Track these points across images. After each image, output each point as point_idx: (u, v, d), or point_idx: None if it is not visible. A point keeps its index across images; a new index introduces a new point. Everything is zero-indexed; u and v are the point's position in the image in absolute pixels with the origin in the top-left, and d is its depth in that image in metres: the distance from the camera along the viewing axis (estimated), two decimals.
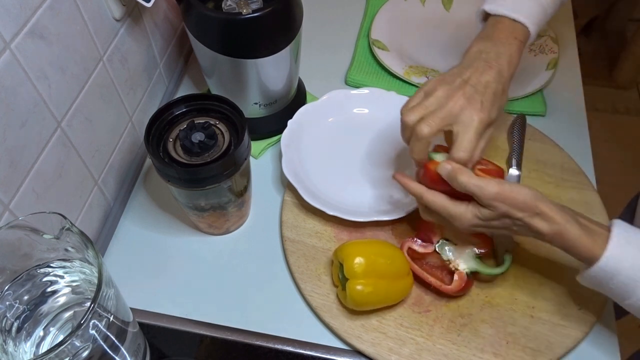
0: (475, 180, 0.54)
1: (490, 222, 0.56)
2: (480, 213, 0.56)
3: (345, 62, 0.94)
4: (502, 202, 0.54)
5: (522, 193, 0.54)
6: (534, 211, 0.54)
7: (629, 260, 0.52)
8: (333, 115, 0.82)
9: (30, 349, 0.49)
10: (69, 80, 0.61)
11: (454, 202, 0.58)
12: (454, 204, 0.57)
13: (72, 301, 0.52)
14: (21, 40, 0.52)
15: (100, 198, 0.73)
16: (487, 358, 0.61)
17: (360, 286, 0.60)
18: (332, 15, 1.02)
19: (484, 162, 0.62)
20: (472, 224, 0.57)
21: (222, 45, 0.70)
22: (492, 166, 0.62)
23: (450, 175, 0.56)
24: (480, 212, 0.56)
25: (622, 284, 0.52)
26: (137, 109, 0.79)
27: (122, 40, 0.71)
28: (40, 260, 0.49)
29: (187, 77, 0.92)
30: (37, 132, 0.57)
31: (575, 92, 0.89)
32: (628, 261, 0.52)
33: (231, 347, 0.64)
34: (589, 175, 0.77)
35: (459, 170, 0.56)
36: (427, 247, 0.65)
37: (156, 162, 0.61)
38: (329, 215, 0.70)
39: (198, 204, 0.66)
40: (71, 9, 0.60)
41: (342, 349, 0.64)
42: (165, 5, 0.83)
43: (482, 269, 0.64)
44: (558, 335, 0.63)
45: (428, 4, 1.00)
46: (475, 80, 0.60)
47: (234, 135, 0.64)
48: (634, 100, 2.14)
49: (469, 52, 0.64)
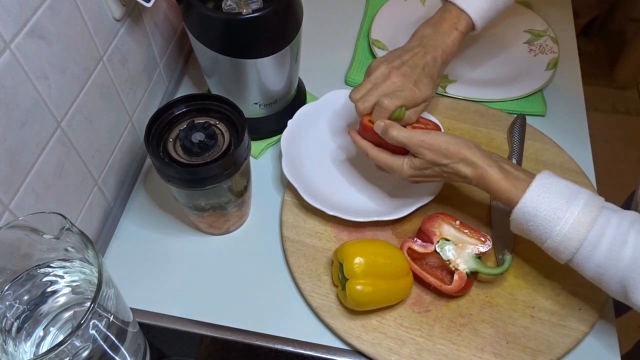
0: (404, 132, 0.62)
1: (423, 171, 0.63)
2: (413, 163, 0.63)
3: (345, 62, 0.94)
4: (428, 149, 0.61)
5: (446, 140, 0.61)
6: (457, 157, 0.60)
7: (545, 203, 0.56)
8: (333, 115, 0.82)
9: (30, 349, 0.49)
10: (69, 80, 0.61)
11: (393, 156, 0.65)
12: (393, 157, 0.65)
13: (72, 301, 0.52)
14: (21, 40, 0.52)
15: (100, 198, 0.73)
16: (487, 358, 0.61)
17: (360, 286, 0.60)
18: (332, 15, 1.02)
19: (426, 121, 0.69)
20: (409, 174, 0.64)
21: (222, 45, 0.70)
22: (432, 126, 0.69)
23: (383, 131, 0.64)
24: (413, 162, 0.63)
25: (539, 225, 0.57)
26: (137, 109, 0.79)
27: (122, 40, 0.71)
28: (40, 260, 0.49)
29: (187, 77, 0.92)
30: (37, 132, 0.57)
31: (575, 92, 0.89)
32: (544, 204, 0.56)
33: (231, 347, 0.64)
34: (589, 175, 0.77)
35: (390, 126, 0.63)
36: (427, 247, 0.65)
37: (156, 162, 0.61)
38: (329, 215, 0.70)
39: (198, 204, 0.66)
40: (71, 9, 0.60)
41: (342, 349, 0.64)
42: (165, 5, 0.83)
43: (482, 269, 0.64)
44: (558, 335, 0.63)
45: (428, 4, 1.00)
46: (412, 62, 0.69)
47: (234, 135, 0.64)
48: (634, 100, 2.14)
49: (414, 35, 0.73)
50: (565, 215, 0.55)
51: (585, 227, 0.55)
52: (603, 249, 0.54)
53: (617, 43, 2.19)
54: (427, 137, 0.61)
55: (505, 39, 0.95)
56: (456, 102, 0.85)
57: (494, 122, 0.83)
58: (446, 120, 0.82)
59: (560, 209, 0.56)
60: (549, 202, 0.56)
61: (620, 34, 2.23)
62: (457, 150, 0.60)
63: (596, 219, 0.55)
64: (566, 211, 0.56)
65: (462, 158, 0.60)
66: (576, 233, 0.55)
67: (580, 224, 0.55)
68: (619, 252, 0.54)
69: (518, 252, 0.69)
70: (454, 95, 0.86)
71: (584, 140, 0.83)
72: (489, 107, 0.85)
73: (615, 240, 0.54)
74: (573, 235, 0.55)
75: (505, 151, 0.80)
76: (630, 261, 0.53)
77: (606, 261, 0.54)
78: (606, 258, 0.54)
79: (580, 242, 0.55)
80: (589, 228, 0.55)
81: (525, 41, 0.94)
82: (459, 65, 0.92)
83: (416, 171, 0.64)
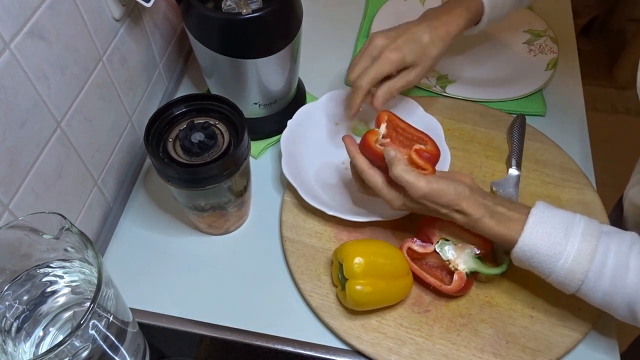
0: (407, 177, 0.59)
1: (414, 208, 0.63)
2: (408, 204, 0.62)
3: (345, 62, 0.94)
4: (429, 201, 0.60)
5: (448, 194, 0.59)
6: (454, 208, 0.60)
7: (544, 239, 0.56)
8: (333, 115, 0.82)
9: (29, 349, 0.49)
10: (69, 80, 0.61)
11: (389, 187, 0.63)
12: (388, 188, 0.63)
13: (72, 301, 0.52)
14: (21, 40, 0.52)
15: (100, 198, 0.73)
16: (486, 358, 0.61)
17: (360, 286, 0.60)
18: (332, 15, 1.02)
19: (425, 139, 0.65)
20: (399, 208, 0.64)
21: (221, 46, 0.70)
22: (430, 146, 0.65)
23: (389, 162, 0.61)
24: (408, 203, 0.62)
25: (541, 262, 0.57)
26: (136, 109, 0.79)
27: (121, 40, 0.71)
28: (40, 260, 0.49)
29: (186, 77, 0.92)
30: (37, 132, 0.57)
31: (575, 92, 0.89)
32: (544, 240, 0.56)
33: (231, 347, 0.64)
34: (589, 175, 0.77)
35: (396, 161, 0.60)
36: (426, 247, 0.65)
37: (156, 162, 0.61)
38: (329, 215, 0.70)
39: (198, 204, 0.66)
40: (71, 9, 0.60)
41: (341, 349, 0.64)
42: (165, 5, 0.83)
43: (482, 269, 0.64)
44: (558, 335, 0.63)
45: (428, 4, 1.00)
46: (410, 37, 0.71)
47: (233, 135, 0.64)
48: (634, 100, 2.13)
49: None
50: (566, 249, 0.55)
51: (587, 259, 0.55)
52: (607, 277, 0.55)
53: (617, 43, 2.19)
54: (431, 189, 0.59)
55: (505, 39, 0.95)
56: (456, 102, 0.85)
57: (494, 122, 0.83)
58: (446, 120, 0.82)
59: (560, 243, 0.56)
60: (548, 237, 0.56)
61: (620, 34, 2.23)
62: (456, 202, 0.59)
63: (597, 248, 0.55)
64: (566, 245, 0.56)
65: (459, 209, 0.60)
66: (579, 266, 0.55)
67: (582, 256, 0.55)
68: (623, 278, 0.54)
69: None
70: (453, 95, 0.86)
71: (583, 140, 0.83)
72: (489, 107, 0.85)
73: (617, 267, 0.54)
74: (576, 268, 0.55)
75: (505, 151, 0.80)
76: (635, 286, 0.53)
77: (612, 289, 0.55)
78: (611, 286, 0.55)
79: (584, 274, 0.55)
80: (591, 259, 0.55)
81: (525, 41, 0.94)
82: (459, 65, 0.92)
83: (408, 208, 0.64)
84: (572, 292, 0.58)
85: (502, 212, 0.60)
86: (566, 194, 0.75)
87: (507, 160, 0.78)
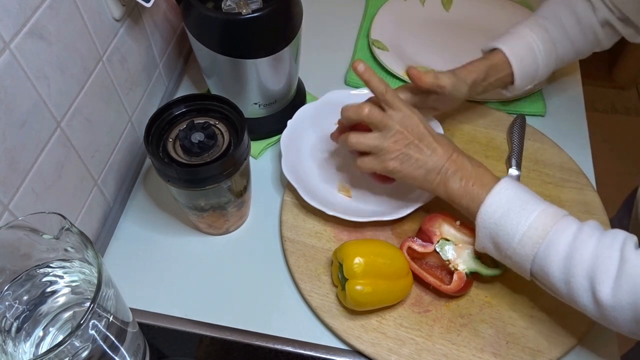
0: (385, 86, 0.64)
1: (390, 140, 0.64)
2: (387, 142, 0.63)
3: (345, 62, 0.94)
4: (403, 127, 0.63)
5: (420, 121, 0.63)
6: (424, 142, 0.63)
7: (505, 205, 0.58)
8: (333, 116, 0.82)
9: (29, 349, 0.49)
10: (69, 80, 0.61)
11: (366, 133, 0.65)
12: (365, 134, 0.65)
13: (72, 301, 0.52)
14: (21, 40, 0.52)
15: (100, 198, 0.73)
16: (486, 358, 0.61)
17: (360, 286, 0.60)
18: (332, 16, 1.02)
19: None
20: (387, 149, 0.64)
21: (221, 46, 0.70)
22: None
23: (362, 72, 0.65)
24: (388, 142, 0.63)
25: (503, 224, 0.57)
26: (136, 109, 0.79)
27: (121, 40, 0.71)
28: (39, 260, 0.49)
29: (186, 77, 0.92)
30: (37, 132, 0.57)
31: (575, 92, 0.89)
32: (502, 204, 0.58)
33: (231, 347, 0.64)
34: (589, 175, 0.77)
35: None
36: (427, 247, 0.65)
37: (156, 162, 0.61)
38: (329, 215, 0.70)
39: (198, 204, 0.66)
40: (71, 9, 0.60)
41: (341, 349, 0.64)
42: (165, 5, 0.83)
43: (482, 269, 0.64)
44: (558, 335, 0.63)
45: (428, 4, 1.00)
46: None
47: (233, 135, 0.64)
48: (633, 100, 2.14)
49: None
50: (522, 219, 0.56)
51: (541, 231, 0.55)
52: (564, 244, 0.54)
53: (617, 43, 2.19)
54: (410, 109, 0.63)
55: None
56: None
57: (493, 122, 0.83)
58: (446, 120, 0.82)
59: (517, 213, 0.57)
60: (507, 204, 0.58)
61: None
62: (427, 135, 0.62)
63: (556, 222, 0.55)
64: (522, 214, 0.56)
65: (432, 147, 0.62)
66: (535, 232, 0.55)
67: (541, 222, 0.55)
68: (582, 246, 0.53)
69: None
70: None
71: (583, 140, 0.83)
72: (489, 107, 0.85)
73: (576, 237, 0.54)
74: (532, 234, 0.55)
75: (505, 151, 0.80)
76: (595, 252, 0.53)
77: (570, 255, 0.54)
78: (569, 253, 0.54)
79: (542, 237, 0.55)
80: (549, 228, 0.55)
81: None
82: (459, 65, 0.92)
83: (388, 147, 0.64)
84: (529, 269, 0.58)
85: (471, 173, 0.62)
86: (566, 194, 0.75)
87: (507, 160, 0.78)
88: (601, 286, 0.52)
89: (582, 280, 0.53)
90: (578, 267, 0.53)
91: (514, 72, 0.74)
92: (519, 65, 0.74)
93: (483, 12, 0.98)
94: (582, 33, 0.75)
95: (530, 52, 0.74)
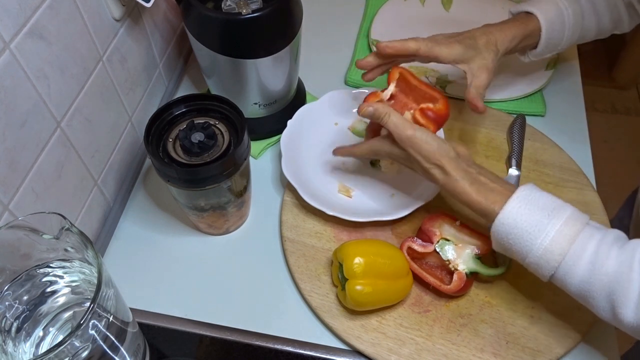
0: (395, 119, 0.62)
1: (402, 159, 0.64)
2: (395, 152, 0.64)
3: (345, 62, 0.94)
4: (412, 149, 0.61)
5: (431, 145, 0.60)
6: (435, 163, 0.61)
7: (526, 215, 0.55)
8: (333, 115, 0.82)
9: (29, 349, 0.49)
10: (69, 80, 0.61)
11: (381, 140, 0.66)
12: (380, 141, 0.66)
13: (72, 301, 0.52)
14: (21, 40, 0.52)
15: (100, 198, 0.73)
16: (486, 358, 0.61)
17: (360, 286, 0.60)
18: (332, 15, 1.02)
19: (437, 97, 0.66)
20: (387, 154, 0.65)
21: (221, 46, 0.70)
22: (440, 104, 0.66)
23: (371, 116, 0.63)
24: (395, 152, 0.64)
25: (520, 238, 0.55)
26: (136, 109, 0.79)
27: (121, 40, 0.71)
28: (39, 260, 0.49)
29: (186, 77, 0.92)
30: (37, 132, 0.57)
31: (575, 92, 0.89)
32: (525, 216, 0.55)
33: (231, 347, 0.64)
34: (589, 175, 0.77)
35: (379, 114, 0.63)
36: (427, 247, 0.65)
37: (156, 162, 0.61)
38: (329, 215, 0.70)
39: (198, 204, 0.66)
40: (71, 9, 0.60)
41: (341, 349, 0.64)
42: (165, 5, 0.83)
43: (482, 269, 0.64)
44: (558, 335, 0.63)
45: (428, 4, 1.00)
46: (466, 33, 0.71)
47: (233, 135, 0.64)
48: (633, 100, 2.14)
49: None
50: (546, 229, 0.54)
51: (567, 240, 0.53)
52: (586, 262, 0.53)
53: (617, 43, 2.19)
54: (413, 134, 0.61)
55: None
56: (456, 102, 0.85)
57: (494, 122, 0.83)
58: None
59: (541, 222, 0.54)
60: (529, 215, 0.55)
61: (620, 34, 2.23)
62: (436, 157, 0.60)
63: (579, 233, 0.54)
64: (547, 224, 0.54)
65: (439, 165, 0.60)
66: (558, 246, 0.53)
67: (562, 237, 0.53)
68: (603, 265, 0.52)
69: None
70: (454, 95, 0.86)
71: (583, 140, 0.83)
72: (489, 107, 0.85)
73: (598, 254, 0.52)
74: (554, 248, 0.54)
75: (505, 151, 0.80)
76: (616, 274, 0.51)
77: (590, 275, 0.53)
78: (590, 272, 0.53)
79: (562, 255, 0.53)
80: (571, 241, 0.53)
81: None
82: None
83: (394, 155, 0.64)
84: (547, 277, 0.56)
85: (484, 182, 0.59)
86: (566, 194, 0.75)
87: (507, 160, 0.78)
88: (623, 309, 0.51)
89: (602, 302, 0.53)
90: (598, 289, 0.53)
91: (541, 40, 0.73)
92: (547, 34, 0.73)
93: (483, 12, 0.98)
94: (608, 8, 0.75)
95: (560, 20, 0.73)
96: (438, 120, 0.65)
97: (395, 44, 0.68)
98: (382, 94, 0.68)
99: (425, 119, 0.64)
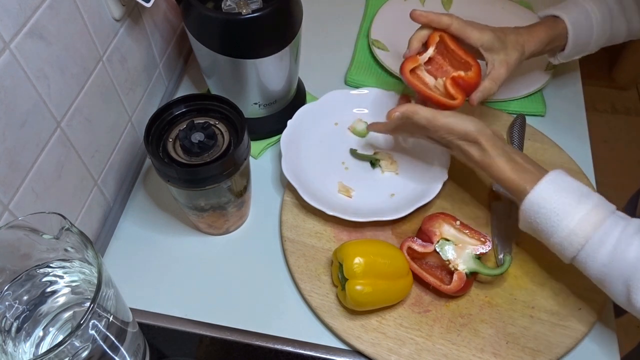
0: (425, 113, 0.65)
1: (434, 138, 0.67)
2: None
3: (345, 62, 0.94)
4: (449, 133, 0.64)
5: (467, 125, 0.63)
6: (472, 140, 0.63)
7: (555, 197, 0.58)
8: (333, 115, 0.82)
9: (29, 349, 0.49)
10: (69, 80, 0.61)
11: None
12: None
13: (72, 301, 0.52)
14: (21, 40, 0.52)
15: (100, 198, 0.73)
16: (486, 358, 0.61)
17: (360, 286, 0.60)
18: (332, 16, 1.02)
19: (471, 64, 0.69)
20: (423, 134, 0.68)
21: (221, 46, 0.70)
22: (472, 72, 0.69)
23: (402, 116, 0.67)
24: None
25: (547, 218, 0.58)
26: (136, 109, 0.79)
27: (121, 40, 0.71)
28: (39, 260, 0.49)
29: (186, 77, 0.92)
30: (37, 132, 0.57)
31: (575, 93, 0.89)
32: (555, 197, 0.58)
33: (231, 347, 0.64)
34: (589, 176, 0.77)
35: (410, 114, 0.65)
36: (427, 247, 0.65)
37: (156, 162, 0.61)
38: (329, 215, 0.70)
39: (198, 204, 0.66)
40: (71, 9, 0.60)
41: (341, 349, 0.64)
42: (165, 5, 0.83)
43: (482, 269, 0.64)
44: (558, 335, 0.63)
45: (428, 4, 1.00)
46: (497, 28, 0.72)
47: (233, 135, 0.64)
48: (633, 100, 2.14)
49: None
50: (573, 211, 0.56)
51: (592, 226, 0.56)
52: (608, 249, 0.55)
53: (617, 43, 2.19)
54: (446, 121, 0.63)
55: None
56: None
57: (494, 122, 0.83)
58: None
59: (570, 204, 0.57)
60: (559, 197, 0.57)
61: None
62: (474, 135, 0.62)
63: (604, 220, 0.56)
64: (576, 207, 0.57)
65: (477, 142, 0.62)
66: (583, 230, 0.56)
67: (588, 222, 0.56)
68: (624, 252, 0.54)
69: (518, 252, 0.69)
70: None
71: (583, 140, 0.83)
72: (489, 107, 0.85)
73: (620, 241, 0.54)
74: (579, 231, 0.56)
75: None
76: (636, 262, 0.53)
77: (611, 261, 0.55)
78: (611, 258, 0.55)
79: (586, 239, 0.56)
80: (596, 227, 0.56)
81: None
82: None
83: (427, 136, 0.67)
84: (569, 259, 0.58)
85: (519, 161, 0.62)
86: None
87: None
88: (637, 295, 0.53)
89: (620, 287, 0.55)
90: (616, 274, 0.55)
91: (568, 43, 0.75)
92: (575, 36, 0.74)
93: (483, 12, 0.98)
94: (638, 10, 0.76)
95: (587, 23, 0.74)
96: (467, 89, 0.68)
97: (430, 14, 0.70)
98: (420, 57, 0.70)
99: (455, 88, 0.67)
